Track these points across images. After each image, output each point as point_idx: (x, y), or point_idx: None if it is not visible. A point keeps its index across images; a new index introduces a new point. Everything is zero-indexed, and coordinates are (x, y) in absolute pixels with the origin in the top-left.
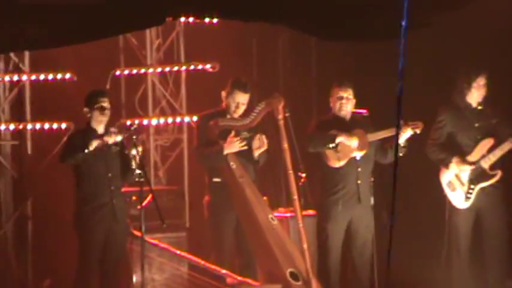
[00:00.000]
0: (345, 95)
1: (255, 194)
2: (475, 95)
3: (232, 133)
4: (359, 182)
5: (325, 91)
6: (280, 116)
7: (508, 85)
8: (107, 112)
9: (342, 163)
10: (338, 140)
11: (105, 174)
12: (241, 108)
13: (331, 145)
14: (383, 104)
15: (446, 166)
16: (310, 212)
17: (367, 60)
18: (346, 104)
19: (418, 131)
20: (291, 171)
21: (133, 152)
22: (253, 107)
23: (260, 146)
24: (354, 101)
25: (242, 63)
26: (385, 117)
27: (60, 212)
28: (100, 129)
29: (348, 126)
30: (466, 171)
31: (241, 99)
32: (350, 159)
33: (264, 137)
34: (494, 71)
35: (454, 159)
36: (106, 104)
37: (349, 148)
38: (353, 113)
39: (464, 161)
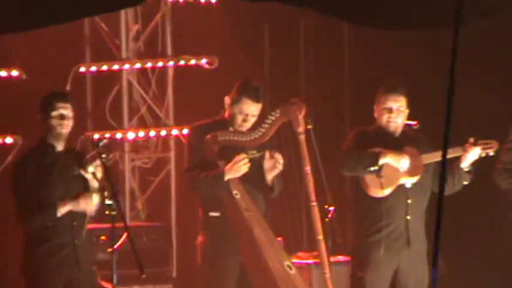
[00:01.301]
0: (395, 105)
1: (266, 234)
2: None
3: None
4: (408, 218)
5: (360, 95)
6: (301, 129)
7: None
8: (68, 122)
9: (387, 192)
10: (383, 161)
11: None
12: (250, 122)
13: (373, 168)
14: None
15: None
16: (341, 257)
17: (417, 56)
18: (396, 117)
19: (491, 153)
20: (314, 203)
21: (95, 164)
22: (265, 117)
23: (274, 167)
24: (407, 112)
25: (250, 57)
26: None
27: (3, 256)
28: (59, 146)
29: (396, 144)
30: None
31: (252, 110)
32: (398, 187)
33: (279, 155)
34: None
35: None
36: (67, 112)
37: (397, 172)
38: (404, 126)
39: None
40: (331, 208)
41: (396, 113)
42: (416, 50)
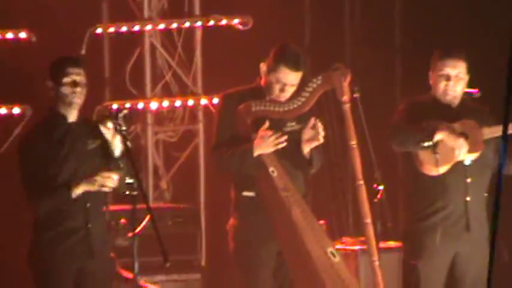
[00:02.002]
0: (453, 72)
1: (306, 216)
2: None
3: (267, 123)
4: (468, 199)
5: (414, 61)
6: (346, 98)
7: None
8: (82, 90)
9: (443, 170)
10: (439, 136)
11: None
12: (289, 92)
13: (427, 143)
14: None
15: None
16: (392, 243)
17: (478, 17)
18: (455, 85)
19: None
20: (361, 182)
21: (121, 149)
22: (305, 84)
23: (314, 137)
24: (466, 79)
25: (288, 17)
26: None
27: (9, 242)
28: (71, 116)
29: (454, 115)
30: None
31: (290, 79)
32: (455, 164)
33: (319, 123)
34: None
35: None
36: (80, 78)
37: (455, 148)
38: (463, 95)
39: None
40: (380, 187)
41: (455, 80)
42: (477, 12)
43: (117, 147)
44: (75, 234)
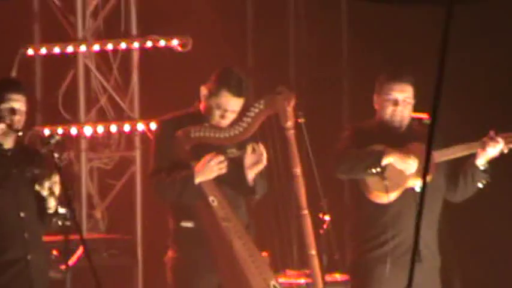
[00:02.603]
0: (401, 96)
1: (248, 248)
2: None
3: (209, 155)
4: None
5: (361, 84)
6: (289, 123)
7: None
8: (20, 118)
9: (393, 197)
10: (386, 160)
11: (14, 213)
12: (229, 118)
13: (374, 169)
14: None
15: None
16: (338, 276)
17: (428, 38)
18: (402, 110)
19: None
20: (306, 212)
21: (53, 179)
22: (246, 109)
23: (257, 161)
24: (413, 103)
25: (230, 38)
26: (462, 125)
27: None
28: (7, 143)
29: (401, 140)
30: None
31: (232, 105)
32: (405, 191)
33: (261, 147)
34: None
35: None
36: (20, 105)
37: (404, 174)
38: (411, 120)
39: None
40: (327, 217)
41: (403, 105)
42: (426, 31)
43: (51, 206)
44: (14, 265)
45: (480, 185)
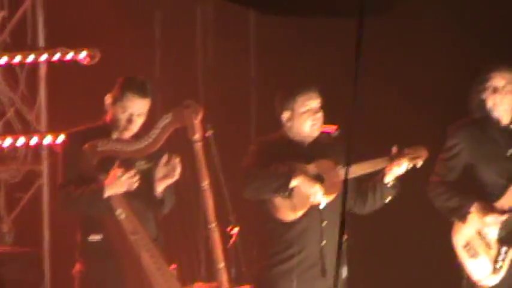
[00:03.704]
0: (305, 108)
1: (156, 261)
2: (502, 105)
3: (117, 163)
4: (323, 243)
5: (270, 97)
6: (197, 136)
7: None
8: None
9: (299, 214)
10: (294, 183)
11: None
12: (137, 123)
13: (282, 193)
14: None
15: (462, 218)
16: None
17: (334, 50)
18: (318, 123)
19: (419, 163)
20: (214, 225)
21: None
22: (154, 122)
23: (169, 174)
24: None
25: (138, 50)
26: (366, 138)
27: None
28: None
29: (308, 155)
30: (493, 225)
31: (137, 107)
32: (310, 207)
33: (176, 159)
34: None
35: (475, 207)
36: None
37: (310, 192)
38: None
39: (490, 209)
40: (235, 230)
41: (318, 115)
42: (339, 45)
43: None
44: None
45: (388, 200)
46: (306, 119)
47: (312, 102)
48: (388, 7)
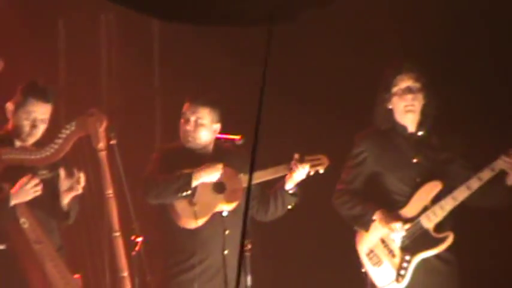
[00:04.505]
0: (193, 117)
1: (60, 270)
2: (405, 114)
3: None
4: (226, 252)
5: (174, 105)
6: (101, 145)
7: (473, 95)
8: None
9: (201, 222)
10: (196, 182)
11: None
12: (40, 129)
13: (184, 192)
14: (269, 127)
15: (365, 226)
16: None
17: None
18: (195, 131)
19: (321, 170)
20: (118, 233)
21: None
22: (58, 131)
23: (73, 187)
24: (213, 127)
25: (41, 59)
26: (271, 146)
27: None
28: None
29: (208, 162)
30: (397, 233)
31: (40, 112)
32: (213, 215)
33: (79, 173)
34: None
35: (378, 215)
36: None
37: (214, 199)
38: (217, 141)
39: (394, 217)
40: (139, 239)
41: (193, 125)
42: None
43: None
44: None
45: (290, 207)
46: (181, 127)
47: (191, 113)
48: (291, 17)
